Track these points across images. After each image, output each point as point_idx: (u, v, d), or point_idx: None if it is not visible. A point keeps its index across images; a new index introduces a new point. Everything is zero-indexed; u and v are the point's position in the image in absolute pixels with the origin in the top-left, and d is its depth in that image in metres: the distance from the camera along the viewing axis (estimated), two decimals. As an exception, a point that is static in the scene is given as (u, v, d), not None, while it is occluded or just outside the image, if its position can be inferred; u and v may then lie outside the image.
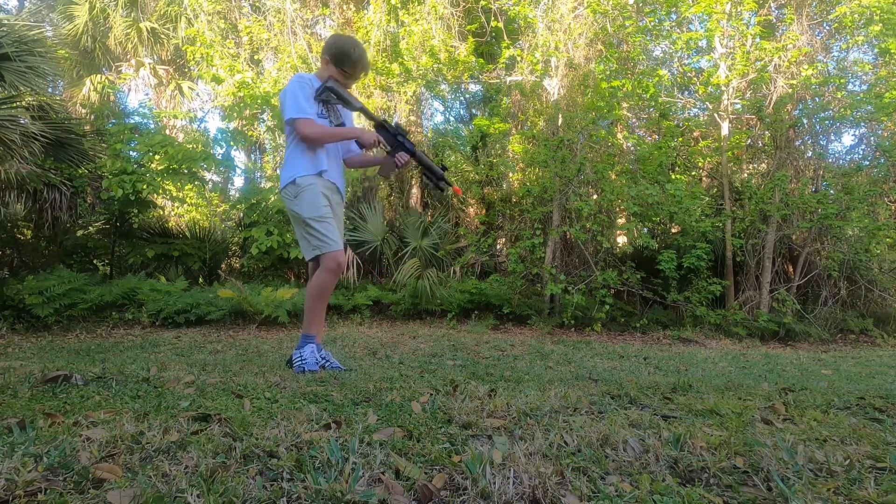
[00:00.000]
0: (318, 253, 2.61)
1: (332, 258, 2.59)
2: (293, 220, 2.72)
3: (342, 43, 2.74)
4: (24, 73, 5.13)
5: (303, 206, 2.61)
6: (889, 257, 7.73)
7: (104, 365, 2.40)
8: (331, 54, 2.70)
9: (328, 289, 2.64)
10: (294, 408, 1.52)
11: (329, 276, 2.60)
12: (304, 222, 2.60)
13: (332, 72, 2.71)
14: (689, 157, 7.75)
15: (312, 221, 2.60)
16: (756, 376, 3.40)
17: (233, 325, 5.82)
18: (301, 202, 2.61)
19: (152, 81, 11.86)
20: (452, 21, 8.34)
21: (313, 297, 2.64)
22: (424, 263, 7.45)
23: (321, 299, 2.65)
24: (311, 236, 2.61)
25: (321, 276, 2.61)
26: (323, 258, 2.60)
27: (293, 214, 2.67)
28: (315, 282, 2.62)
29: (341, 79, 2.72)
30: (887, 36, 6.58)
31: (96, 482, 0.94)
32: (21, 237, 7.50)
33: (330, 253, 2.59)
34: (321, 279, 2.61)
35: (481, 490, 0.96)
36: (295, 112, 2.57)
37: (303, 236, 2.67)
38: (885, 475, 1.10)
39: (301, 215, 2.60)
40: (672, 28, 7.35)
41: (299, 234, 2.71)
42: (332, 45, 2.73)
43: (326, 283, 2.61)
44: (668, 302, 6.66)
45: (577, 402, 1.68)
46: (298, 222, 2.65)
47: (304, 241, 2.68)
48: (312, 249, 2.63)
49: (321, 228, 2.60)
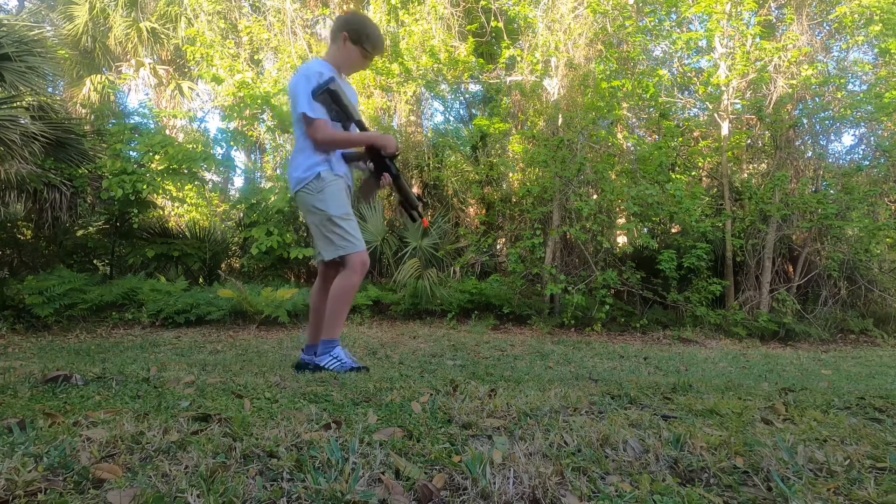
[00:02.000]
0: (344, 253, 2.43)
1: (359, 258, 2.44)
2: (313, 218, 2.48)
3: (361, 19, 2.57)
4: (24, 74, 5.13)
5: (328, 202, 2.42)
6: (889, 257, 7.73)
7: (104, 365, 2.40)
8: (350, 30, 2.48)
9: (355, 291, 2.48)
10: (294, 408, 1.52)
11: (357, 278, 2.45)
12: (330, 220, 2.41)
13: (350, 52, 2.51)
14: (689, 157, 7.75)
15: (339, 220, 2.42)
16: (756, 376, 3.40)
17: (233, 325, 5.82)
18: (326, 198, 2.42)
19: (152, 81, 11.87)
20: (452, 21, 8.34)
21: (341, 302, 2.47)
22: (424, 263, 7.45)
23: (348, 303, 2.51)
24: (337, 235, 2.42)
25: (350, 278, 2.44)
26: (349, 259, 2.43)
27: (315, 211, 2.44)
28: (343, 284, 2.44)
29: (358, 59, 2.54)
30: (887, 36, 6.58)
31: (96, 482, 0.94)
32: (21, 237, 7.49)
33: (357, 253, 2.44)
34: (350, 282, 2.44)
35: (481, 490, 0.96)
36: (310, 109, 2.37)
37: (324, 235, 2.45)
38: (885, 475, 1.10)
39: (328, 212, 2.41)
40: (672, 28, 7.35)
41: (319, 233, 2.47)
42: (349, 22, 2.52)
43: (355, 285, 2.45)
44: (668, 302, 6.66)
45: (577, 402, 1.68)
46: (322, 220, 2.43)
47: (324, 241, 2.46)
48: (336, 249, 2.43)
49: (348, 227, 2.44)
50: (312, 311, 2.68)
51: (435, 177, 8.66)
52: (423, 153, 8.82)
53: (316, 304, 2.65)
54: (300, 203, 2.53)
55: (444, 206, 8.76)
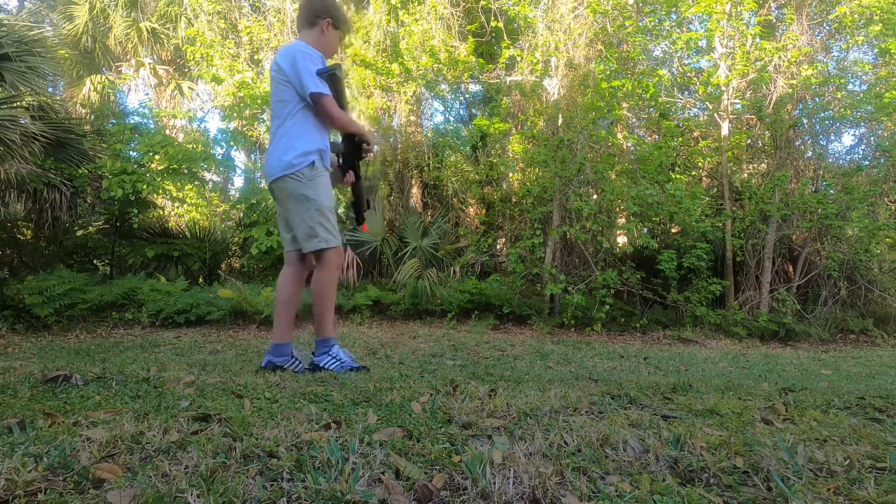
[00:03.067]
0: (326, 247, 2.39)
1: (338, 253, 2.44)
2: (298, 207, 2.39)
3: (335, 3, 2.54)
4: (24, 74, 5.13)
5: (319, 191, 2.38)
6: (889, 257, 7.73)
7: (104, 365, 2.40)
8: (332, 16, 2.48)
9: (335, 284, 2.45)
10: (294, 408, 1.52)
11: (336, 272, 2.45)
12: (319, 210, 2.37)
13: (332, 38, 2.50)
14: (689, 157, 7.75)
15: (327, 211, 2.39)
16: (756, 376, 3.40)
17: (233, 325, 5.82)
18: (317, 187, 2.38)
19: (152, 81, 11.86)
20: (452, 21, 8.34)
21: (326, 297, 2.43)
22: (424, 263, 7.45)
23: (333, 297, 2.47)
24: (322, 227, 2.38)
25: (329, 273, 2.41)
26: (328, 253, 2.40)
27: (303, 200, 2.37)
28: (324, 280, 2.41)
29: (337, 44, 2.54)
30: (887, 36, 6.58)
31: (96, 482, 0.94)
32: (21, 237, 7.49)
33: (336, 248, 2.42)
34: (330, 277, 2.41)
35: (481, 490, 0.96)
36: (318, 87, 2.33)
37: (308, 226, 2.38)
38: (885, 475, 1.10)
39: (318, 202, 2.37)
40: (672, 28, 7.35)
41: (302, 223, 2.39)
42: (329, 9, 2.50)
43: (334, 279, 2.42)
44: (668, 302, 6.66)
45: (577, 402, 1.68)
46: (309, 209, 2.37)
47: (306, 232, 2.39)
48: (319, 242, 2.38)
49: (333, 220, 2.41)
50: (282, 304, 2.53)
51: (435, 177, 8.66)
52: (423, 153, 8.82)
53: (286, 297, 2.53)
54: (284, 189, 2.41)
55: (444, 206, 8.76)
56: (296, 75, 2.37)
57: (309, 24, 2.53)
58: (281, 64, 2.41)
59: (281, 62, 2.42)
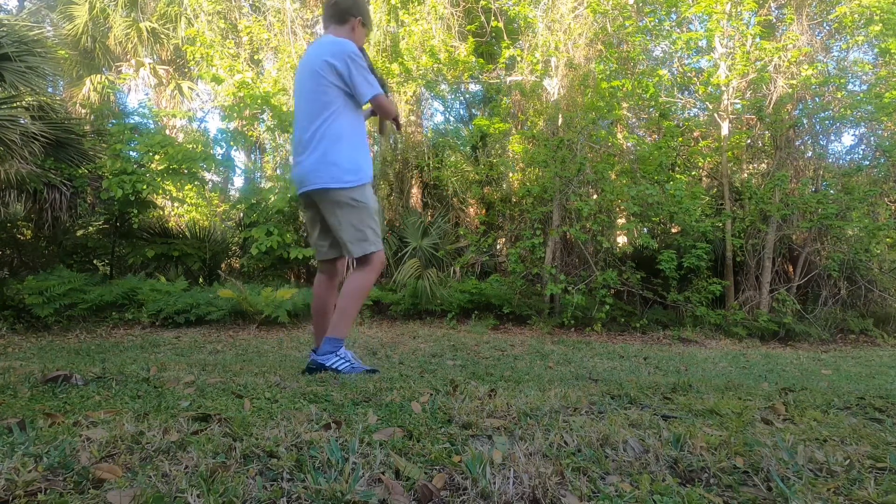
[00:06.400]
0: (374, 250, 2.42)
1: (381, 257, 2.46)
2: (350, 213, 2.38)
3: (364, 2, 2.56)
4: (24, 74, 5.13)
5: (368, 196, 2.42)
6: (889, 257, 7.72)
7: (104, 365, 2.40)
8: (362, 14, 2.49)
9: (370, 290, 2.47)
10: (294, 408, 1.52)
11: (375, 276, 2.46)
12: (370, 214, 2.41)
13: (360, 35, 2.51)
14: (689, 157, 7.75)
15: (376, 213, 2.44)
16: (756, 376, 3.40)
17: (233, 326, 5.82)
18: (367, 192, 2.42)
19: (152, 81, 11.86)
20: (452, 21, 8.34)
21: (356, 298, 2.43)
22: (424, 263, 7.45)
23: (361, 301, 2.49)
24: (371, 230, 2.41)
25: (370, 276, 2.43)
26: (374, 257, 2.43)
27: (356, 204, 2.38)
28: (361, 282, 2.42)
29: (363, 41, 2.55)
30: (887, 36, 6.58)
31: (96, 482, 0.94)
32: (21, 237, 7.49)
33: (381, 251, 2.45)
34: (368, 280, 2.43)
35: (481, 490, 0.96)
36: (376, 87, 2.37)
37: (359, 230, 2.39)
38: (885, 475, 1.10)
39: (368, 204, 2.40)
40: (672, 28, 7.35)
41: (352, 228, 2.38)
42: (359, 7, 2.51)
43: (371, 283, 2.46)
44: (668, 302, 6.66)
45: (577, 402, 1.68)
46: (362, 214, 2.39)
47: (357, 236, 2.39)
48: (369, 245, 2.41)
49: (379, 224, 2.47)
50: (319, 310, 2.58)
51: (435, 177, 8.66)
52: (423, 153, 8.82)
53: (321, 307, 2.57)
54: (330, 198, 2.38)
55: (444, 206, 8.76)
56: (351, 77, 2.33)
57: (340, 21, 2.50)
58: (335, 64, 2.33)
59: (334, 61, 2.33)
